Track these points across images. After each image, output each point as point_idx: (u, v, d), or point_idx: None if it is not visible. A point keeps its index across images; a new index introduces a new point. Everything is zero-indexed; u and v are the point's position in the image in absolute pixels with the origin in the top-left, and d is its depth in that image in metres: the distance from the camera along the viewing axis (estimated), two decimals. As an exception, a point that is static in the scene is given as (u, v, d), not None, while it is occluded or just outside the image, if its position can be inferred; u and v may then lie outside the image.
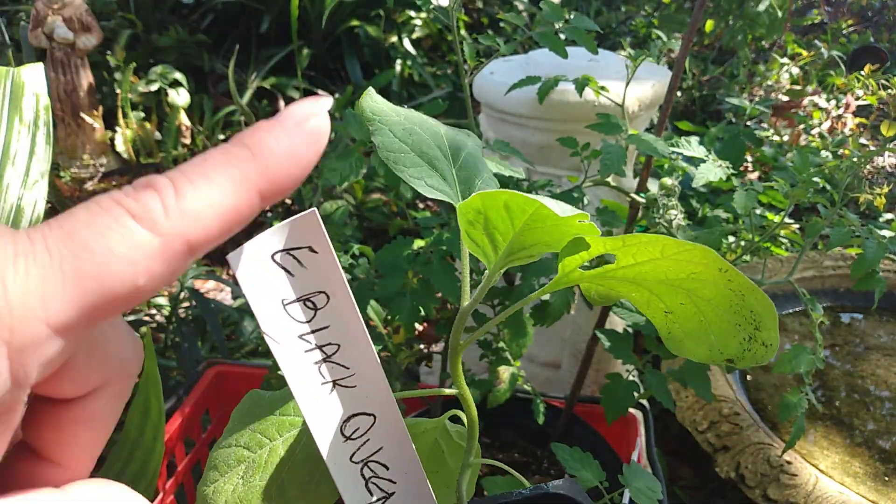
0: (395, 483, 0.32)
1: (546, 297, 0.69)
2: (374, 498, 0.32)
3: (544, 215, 0.26)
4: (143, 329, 1.26)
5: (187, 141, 2.05)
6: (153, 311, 1.40)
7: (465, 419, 0.37)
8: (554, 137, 0.88)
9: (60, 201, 1.71)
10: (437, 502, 0.33)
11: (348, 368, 0.29)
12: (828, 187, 0.70)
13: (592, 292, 0.31)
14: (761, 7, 1.85)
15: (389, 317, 0.67)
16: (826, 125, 1.66)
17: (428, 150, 0.36)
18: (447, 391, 0.36)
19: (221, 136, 2.20)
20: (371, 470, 0.31)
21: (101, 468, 0.63)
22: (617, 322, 1.07)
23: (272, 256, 0.26)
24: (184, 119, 2.00)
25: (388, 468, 0.31)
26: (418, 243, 0.69)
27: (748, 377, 1.22)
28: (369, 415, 0.30)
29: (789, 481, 0.95)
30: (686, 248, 0.26)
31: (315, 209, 0.26)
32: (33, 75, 0.74)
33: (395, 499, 0.32)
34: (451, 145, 0.37)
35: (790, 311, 1.36)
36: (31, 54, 1.86)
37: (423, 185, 0.34)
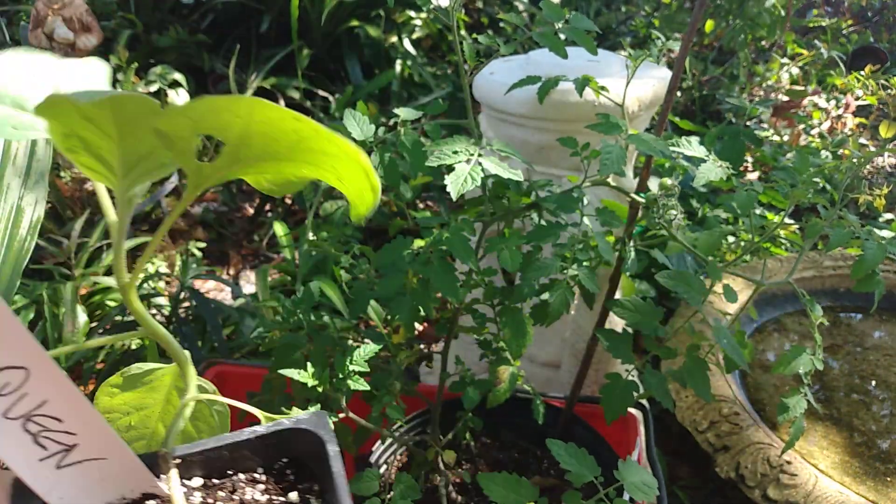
0: (74, 434, 0.31)
1: (545, 296, 0.69)
2: (51, 451, 0.31)
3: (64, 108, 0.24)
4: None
5: (187, 141, 2.05)
6: (153, 311, 1.40)
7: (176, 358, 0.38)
8: (554, 137, 0.88)
9: (61, 201, 1.70)
10: (129, 448, 0.33)
11: None
12: (828, 187, 0.70)
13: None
14: (768, 2, 1.84)
15: (389, 317, 0.67)
16: (826, 125, 1.66)
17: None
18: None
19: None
20: (38, 424, 0.30)
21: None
22: (617, 322, 1.07)
23: None
24: (184, 119, 2.00)
25: (61, 421, 0.30)
26: (418, 243, 0.69)
27: (748, 377, 1.22)
28: (19, 368, 0.29)
29: (789, 481, 0.95)
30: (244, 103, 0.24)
31: None
32: (34, 75, 0.74)
33: (79, 450, 0.31)
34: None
35: (790, 311, 1.36)
36: (31, 54, 1.86)
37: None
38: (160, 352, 1.29)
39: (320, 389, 0.65)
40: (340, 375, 0.67)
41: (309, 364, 0.67)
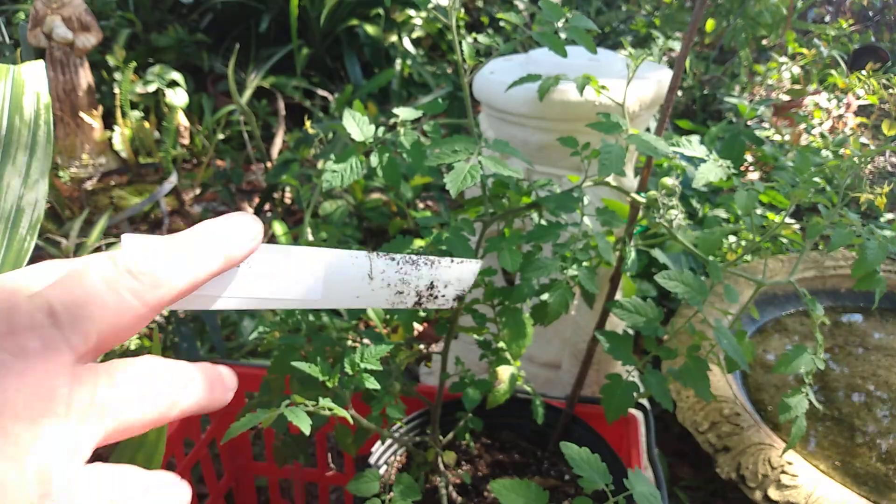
0: None
1: (545, 296, 0.69)
2: None
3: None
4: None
5: (186, 141, 2.05)
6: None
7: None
8: (554, 137, 0.88)
9: (60, 201, 1.70)
10: None
11: None
12: (828, 188, 0.70)
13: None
14: (769, 1, 1.83)
15: (388, 316, 0.67)
16: (827, 125, 1.66)
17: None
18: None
19: (221, 136, 2.20)
20: None
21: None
22: (617, 323, 1.07)
23: None
24: (182, 119, 2.00)
25: None
26: (418, 243, 0.68)
27: (749, 377, 1.22)
28: None
29: (790, 482, 0.95)
30: None
31: None
32: (34, 73, 0.74)
33: None
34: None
35: (791, 311, 1.36)
36: (30, 54, 1.86)
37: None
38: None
39: (330, 385, 0.64)
40: (350, 373, 0.66)
41: (313, 364, 0.67)
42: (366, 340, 0.75)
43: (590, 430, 0.84)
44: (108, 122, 1.98)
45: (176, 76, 2.07)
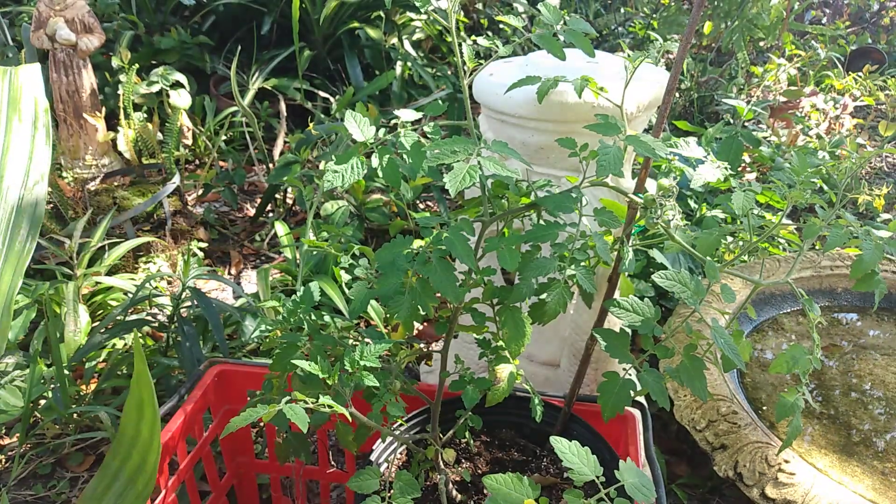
0: None
1: (543, 295, 0.70)
2: None
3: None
4: (135, 332, 1.28)
5: (189, 142, 2.06)
6: (155, 311, 1.41)
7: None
8: (553, 138, 0.89)
9: (63, 202, 1.71)
10: None
11: None
12: (825, 188, 0.71)
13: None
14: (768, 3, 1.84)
15: (389, 315, 0.68)
16: (824, 126, 1.66)
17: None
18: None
19: (223, 137, 2.21)
20: None
21: (100, 465, 0.64)
22: (615, 323, 1.07)
23: None
24: (185, 120, 2.01)
25: None
26: (418, 243, 0.69)
27: (746, 376, 1.23)
28: None
29: (787, 480, 0.95)
30: None
31: None
32: (30, 76, 0.74)
33: None
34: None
35: (788, 310, 1.37)
36: (33, 55, 1.87)
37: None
38: (162, 351, 1.30)
39: (330, 382, 0.65)
40: (350, 370, 0.67)
41: (313, 363, 0.68)
42: (367, 339, 0.76)
43: (588, 428, 0.85)
44: (112, 123, 1.99)
45: (179, 77, 2.08)
